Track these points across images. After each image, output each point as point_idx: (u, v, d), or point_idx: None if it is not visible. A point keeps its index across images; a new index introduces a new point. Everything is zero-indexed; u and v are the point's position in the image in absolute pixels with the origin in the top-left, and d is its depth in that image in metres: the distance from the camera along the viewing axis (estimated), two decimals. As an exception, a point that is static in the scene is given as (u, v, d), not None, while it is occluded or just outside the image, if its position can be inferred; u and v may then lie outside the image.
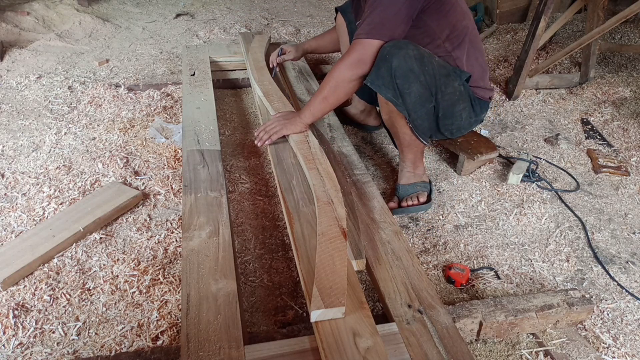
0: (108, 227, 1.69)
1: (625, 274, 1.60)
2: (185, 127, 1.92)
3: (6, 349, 1.27)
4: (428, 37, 1.71)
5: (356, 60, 1.62)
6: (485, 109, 1.91)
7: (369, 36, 1.60)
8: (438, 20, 1.68)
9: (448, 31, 1.70)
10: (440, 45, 1.72)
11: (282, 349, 1.11)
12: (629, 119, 2.46)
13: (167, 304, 1.41)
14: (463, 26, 1.73)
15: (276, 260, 1.60)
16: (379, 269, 1.33)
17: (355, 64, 1.63)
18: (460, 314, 1.28)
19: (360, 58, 1.62)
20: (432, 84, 1.65)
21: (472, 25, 1.80)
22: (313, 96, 1.76)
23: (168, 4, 4.09)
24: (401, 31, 1.62)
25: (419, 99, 1.65)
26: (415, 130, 1.74)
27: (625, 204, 1.92)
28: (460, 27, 1.72)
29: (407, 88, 1.62)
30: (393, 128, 1.81)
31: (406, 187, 1.88)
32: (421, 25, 1.68)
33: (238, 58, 2.64)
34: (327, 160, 1.63)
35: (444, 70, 1.68)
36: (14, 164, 2.00)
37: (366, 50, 1.61)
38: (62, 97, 2.54)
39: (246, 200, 1.87)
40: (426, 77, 1.63)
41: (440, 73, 1.66)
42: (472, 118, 1.86)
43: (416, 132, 1.74)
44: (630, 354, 1.33)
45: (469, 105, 1.80)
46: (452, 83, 1.70)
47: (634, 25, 3.48)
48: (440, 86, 1.67)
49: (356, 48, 1.62)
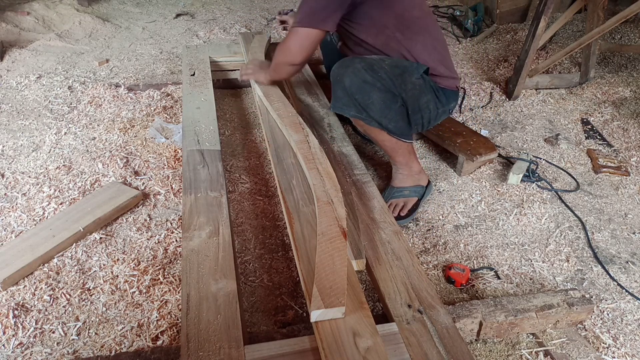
0: (108, 227, 1.69)
1: (625, 274, 1.60)
2: (185, 127, 1.92)
3: (6, 349, 1.27)
4: (375, 27, 1.70)
5: (287, 48, 1.73)
6: (453, 98, 1.85)
7: (301, 24, 1.65)
8: (381, 10, 1.67)
9: (395, 20, 1.69)
10: (391, 35, 1.71)
11: (282, 349, 1.11)
12: (629, 119, 2.46)
13: (167, 304, 1.41)
14: (413, 16, 1.72)
15: (276, 260, 1.60)
16: (379, 269, 1.33)
17: (287, 51, 1.74)
18: (460, 314, 1.28)
19: (290, 46, 1.72)
20: (390, 85, 1.65)
21: (426, 15, 1.78)
22: (272, 61, 1.90)
23: (168, 4, 4.09)
24: (332, 21, 1.64)
25: (383, 104, 1.65)
26: (393, 135, 1.73)
27: (625, 204, 1.92)
28: (409, 17, 1.71)
29: (368, 99, 1.64)
30: (373, 139, 1.82)
31: (393, 191, 1.84)
32: (365, 17, 1.68)
33: (238, 58, 2.64)
34: (327, 160, 1.63)
35: (398, 70, 1.67)
36: (14, 164, 2.00)
37: (297, 38, 1.69)
38: (62, 97, 2.54)
39: (246, 200, 1.87)
40: (382, 82, 1.63)
41: (394, 73, 1.66)
42: (439, 109, 1.80)
43: (395, 136, 1.74)
44: (630, 354, 1.33)
45: (433, 96, 1.76)
46: (409, 79, 1.68)
47: (634, 25, 3.48)
48: (399, 85, 1.66)
49: (289, 36, 1.72)
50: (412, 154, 1.86)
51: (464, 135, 2.10)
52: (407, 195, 1.83)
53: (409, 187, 1.84)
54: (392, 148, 1.79)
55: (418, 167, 1.88)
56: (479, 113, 2.54)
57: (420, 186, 1.86)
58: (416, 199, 1.84)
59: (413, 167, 1.86)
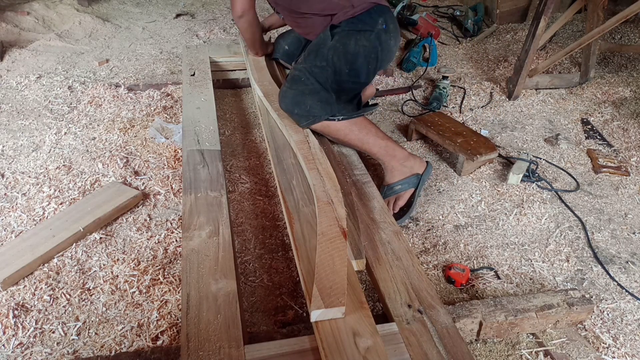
0: (108, 227, 1.69)
1: (625, 274, 1.60)
2: (185, 127, 1.92)
3: (6, 349, 1.27)
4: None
5: (231, 6, 2.00)
6: (374, 15, 1.75)
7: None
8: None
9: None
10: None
11: (282, 349, 1.11)
12: (629, 119, 2.46)
13: (167, 304, 1.41)
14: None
15: (276, 260, 1.60)
16: (379, 269, 1.33)
17: (232, 9, 2.01)
18: (460, 314, 1.28)
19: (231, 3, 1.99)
20: (315, 83, 1.75)
21: None
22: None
23: (168, 4, 4.09)
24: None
25: (320, 103, 1.74)
26: (345, 115, 1.76)
27: (625, 204, 1.92)
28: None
29: (305, 107, 1.74)
30: (345, 144, 1.84)
31: (384, 190, 1.79)
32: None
33: (238, 58, 2.64)
34: (327, 160, 1.63)
35: (311, 58, 1.78)
36: (14, 164, 2.00)
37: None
38: (62, 97, 2.54)
39: (246, 200, 1.87)
40: (306, 85, 1.75)
41: (312, 66, 1.76)
42: (370, 42, 1.73)
43: (349, 115, 1.77)
44: (630, 354, 1.33)
45: (355, 39, 1.73)
46: (324, 55, 1.76)
47: (634, 25, 3.48)
48: (320, 74, 1.74)
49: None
50: (385, 138, 1.76)
51: (464, 135, 2.10)
52: (397, 191, 1.77)
53: (399, 182, 1.77)
54: (359, 139, 1.76)
55: (403, 154, 1.77)
56: (479, 113, 2.54)
57: (413, 175, 1.77)
58: (411, 190, 1.76)
59: (397, 155, 1.75)
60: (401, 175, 1.77)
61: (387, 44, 1.78)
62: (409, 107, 2.59)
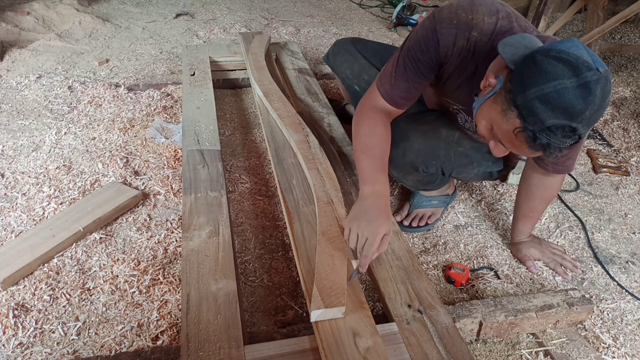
0: (108, 227, 1.69)
1: (625, 274, 1.60)
2: (185, 127, 1.92)
3: (6, 349, 1.27)
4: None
5: None
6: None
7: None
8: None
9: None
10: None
11: (282, 349, 1.11)
12: (629, 119, 2.46)
13: (167, 304, 1.41)
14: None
15: (276, 260, 1.60)
16: (379, 269, 1.33)
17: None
18: (460, 314, 1.28)
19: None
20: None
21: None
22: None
23: (168, 4, 4.09)
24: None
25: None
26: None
27: (625, 204, 1.92)
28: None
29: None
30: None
31: (422, 199, 1.75)
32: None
33: (238, 58, 2.64)
34: (327, 160, 1.63)
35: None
36: (14, 164, 2.00)
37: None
38: (62, 97, 2.54)
39: (246, 200, 1.87)
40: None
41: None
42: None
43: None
44: (630, 354, 1.33)
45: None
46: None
47: (634, 25, 3.48)
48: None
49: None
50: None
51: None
52: (435, 206, 1.77)
53: (437, 197, 1.78)
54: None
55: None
56: (479, 113, 2.54)
57: (447, 195, 1.81)
58: (442, 208, 1.79)
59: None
60: (438, 192, 1.79)
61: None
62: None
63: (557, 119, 0.99)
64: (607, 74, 1.00)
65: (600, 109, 1.00)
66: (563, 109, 0.98)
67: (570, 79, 0.97)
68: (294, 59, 2.56)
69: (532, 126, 1.02)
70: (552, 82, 0.97)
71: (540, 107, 0.99)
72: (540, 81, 0.98)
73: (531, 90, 0.99)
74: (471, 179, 1.71)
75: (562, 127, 0.99)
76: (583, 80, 0.97)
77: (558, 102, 0.98)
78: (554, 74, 0.97)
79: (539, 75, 0.99)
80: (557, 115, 0.98)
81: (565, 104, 0.97)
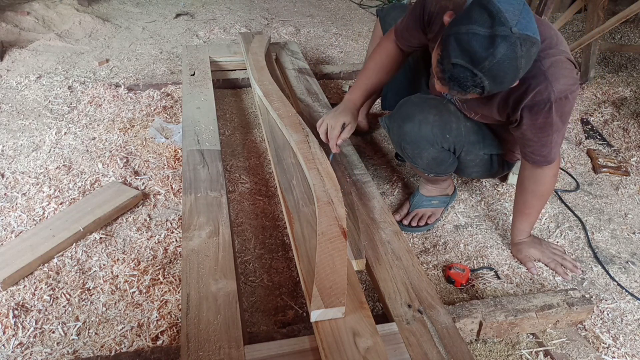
0: (108, 227, 1.69)
1: (625, 274, 1.60)
2: (185, 127, 1.92)
3: (6, 349, 1.27)
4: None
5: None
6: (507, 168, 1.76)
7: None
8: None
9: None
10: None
11: (282, 349, 1.11)
12: (629, 119, 2.46)
13: (167, 304, 1.41)
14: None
15: (276, 260, 1.60)
16: (379, 269, 1.33)
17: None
18: (460, 314, 1.28)
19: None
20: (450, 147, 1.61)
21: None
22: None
23: (168, 4, 4.09)
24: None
25: (432, 161, 1.62)
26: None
27: (625, 204, 1.92)
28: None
29: (417, 154, 1.61)
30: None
31: (422, 199, 1.78)
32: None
33: (238, 58, 2.64)
34: (327, 160, 1.63)
35: (472, 137, 1.60)
36: (14, 164, 2.00)
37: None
38: (62, 97, 2.54)
39: (246, 200, 1.87)
40: (443, 144, 1.59)
41: (467, 141, 1.59)
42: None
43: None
44: (630, 354, 1.33)
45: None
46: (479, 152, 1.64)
47: (634, 25, 3.48)
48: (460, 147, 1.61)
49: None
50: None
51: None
52: (435, 206, 1.78)
53: (437, 197, 1.79)
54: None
55: (449, 180, 1.82)
56: (479, 113, 2.54)
57: (447, 195, 1.82)
58: (442, 209, 1.80)
59: (445, 180, 1.80)
60: (438, 191, 1.80)
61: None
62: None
63: (461, 58, 1.12)
64: (521, 37, 1.09)
65: (501, 65, 1.10)
66: (467, 51, 1.11)
67: (483, 28, 1.09)
68: (294, 59, 2.56)
69: (443, 60, 1.16)
70: (469, 25, 1.11)
71: (452, 44, 1.13)
72: (463, 22, 1.12)
73: (453, 29, 1.14)
74: (474, 173, 1.74)
75: (464, 68, 1.13)
76: (493, 32, 1.08)
77: (465, 44, 1.11)
78: (474, 19, 1.10)
79: (464, 17, 1.13)
80: (462, 55, 1.12)
81: (470, 47, 1.11)
